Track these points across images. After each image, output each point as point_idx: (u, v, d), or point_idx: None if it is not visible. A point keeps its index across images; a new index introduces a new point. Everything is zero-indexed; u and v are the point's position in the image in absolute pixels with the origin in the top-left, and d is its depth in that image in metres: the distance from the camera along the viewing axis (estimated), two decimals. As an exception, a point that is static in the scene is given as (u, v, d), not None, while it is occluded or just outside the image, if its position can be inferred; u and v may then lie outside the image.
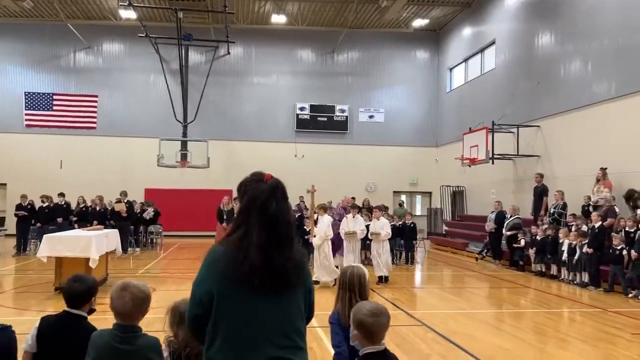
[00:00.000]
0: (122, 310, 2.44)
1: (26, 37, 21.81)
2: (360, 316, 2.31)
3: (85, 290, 3.04)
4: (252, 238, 2.08)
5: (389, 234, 11.28)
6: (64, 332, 2.89)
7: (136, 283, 2.52)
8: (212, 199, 22.33)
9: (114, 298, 2.48)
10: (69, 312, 3.02)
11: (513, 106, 17.46)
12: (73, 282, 3.06)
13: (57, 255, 8.89)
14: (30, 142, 21.55)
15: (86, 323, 3.01)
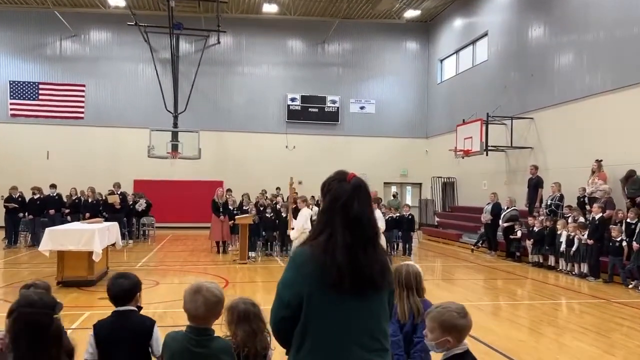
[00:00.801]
0: (195, 313, 2.40)
1: (11, 25, 21.23)
2: (451, 319, 2.29)
3: (131, 287, 3.02)
4: (337, 240, 2.05)
5: (381, 228, 11.05)
6: (121, 332, 2.85)
7: (209, 286, 2.47)
8: (202, 190, 22.15)
9: (187, 301, 2.42)
10: (119, 310, 2.98)
11: (506, 98, 17.58)
12: (118, 280, 3.01)
13: (60, 249, 8.72)
14: (15, 132, 21.04)
15: (139, 316, 3.03)
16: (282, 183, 20.34)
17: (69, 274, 8.84)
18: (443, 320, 2.29)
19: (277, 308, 2.09)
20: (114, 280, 3.00)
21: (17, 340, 2.00)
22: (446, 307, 2.34)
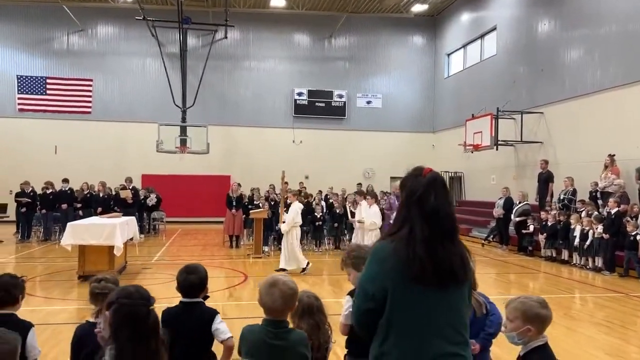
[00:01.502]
0: (272, 306, 2.44)
1: (18, 19, 21.19)
2: (533, 309, 2.34)
3: (200, 280, 3.09)
4: (416, 233, 2.09)
5: (375, 223, 10.46)
6: (187, 322, 2.95)
7: (285, 279, 2.52)
8: (210, 185, 22.25)
9: (263, 294, 2.47)
10: (187, 302, 3.05)
11: (515, 93, 17.60)
12: (187, 274, 3.07)
13: (82, 244, 8.76)
14: (23, 127, 21.05)
15: (204, 307, 3.12)
16: (289, 178, 20.25)
17: (90, 268, 8.86)
18: (525, 310, 2.34)
19: (361, 301, 2.14)
20: (184, 275, 3.06)
21: (117, 332, 2.05)
22: (528, 298, 2.39)
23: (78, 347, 2.89)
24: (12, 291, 2.87)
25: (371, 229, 10.38)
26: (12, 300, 2.87)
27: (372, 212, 10.55)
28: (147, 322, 2.10)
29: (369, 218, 10.45)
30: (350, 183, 20.51)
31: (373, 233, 10.36)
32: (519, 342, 2.42)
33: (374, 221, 10.41)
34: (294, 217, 9.98)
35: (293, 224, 10.02)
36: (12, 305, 2.88)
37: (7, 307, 2.86)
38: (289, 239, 10.06)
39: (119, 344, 2.04)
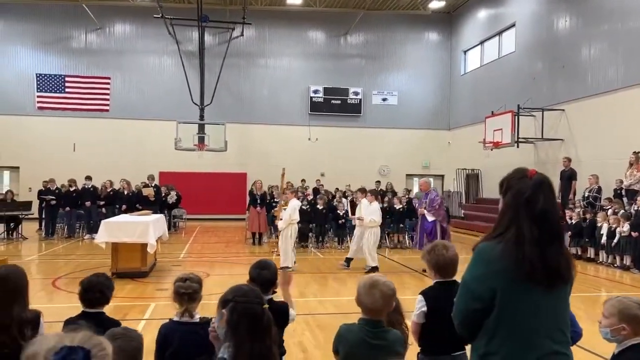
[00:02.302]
0: (372, 306, 2.48)
1: (37, 18, 21.32)
2: (631, 309, 2.37)
3: (272, 276, 3.12)
4: (525, 235, 2.11)
5: (374, 221, 10.24)
6: None
7: (384, 280, 2.55)
8: (226, 182, 22.36)
9: (362, 295, 2.50)
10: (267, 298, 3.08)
11: (535, 89, 17.52)
12: (261, 270, 3.10)
13: (116, 241, 8.85)
14: (42, 125, 21.21)
15: (273, 302, 3.12)
16: (305, 175, 20.46)
17: (123, 265, 8.97)
18: (622, 309, 2.36)
19: (467, 301, 2.17)
20: (257, 271, 3.09)
21: (235, 329, 2.09)
22: (627, 298, 2.41)
23: (163, 345, 2.94)
24: (106, 292, 2.94)
25: (370, 227, 10.21)
26: (105, 300, 2.94)
27: (372, 209, 10.36)
28: (262, 320, 2.14)
29: (368, 215, 10.25)
30: (365, 180, 20.46)
31: (372, 231, 10.26)
32: (612, 339, 2.45)
33: (373, 219, 10.21)
34: (292, 215, 9.92)
35: (290, 221, 9.95)
36: (103, 305, 2.95)
37: (99, 306, 2.92)
38: (286, 236, 10.00)
39: (237, 341, 2.08)
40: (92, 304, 2.93)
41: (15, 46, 21.32)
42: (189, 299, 2.93)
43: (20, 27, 21.34)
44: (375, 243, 10.48)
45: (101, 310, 2.96)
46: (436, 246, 3.24)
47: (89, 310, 2.94)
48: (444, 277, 3.21)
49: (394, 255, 12.97)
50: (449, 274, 3.22)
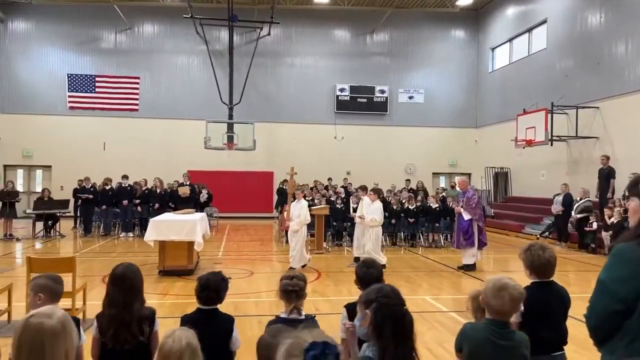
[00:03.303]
0: (501, 309, 2.49)
1: (68, 20, 21.63)
2: None
3: (379, 274, 3.15)
4: None
5: (375, 220, 10.03)
6: None
7: (513, 282, 2.55)
8: (254, 180, 22.48)
9: (490, 296, 2.51)
10: None
11: (567, 87, 17.31)
12: (368, 268, 3.12)
13: (164, 239, 8.95)
14: (73, 124, 21.53)
15: None
16: (331, 174, 20.50)
17: (170, 263, 9.08)
18: None
19: (607, 302, 2.16)
20: (366, 270, 3.11)
21: (380, 330, 2.11)
22: None
23: None
24: (221, 292, 2.99)
25: (371, 225, 10.05)
26: (219, 299, 2.99)
27: (373, 208, 10.17)
28: (405, 321, 2.16)
29: (369, 214, 10.10)
30: (392, 179, 20.50)
31: (373, 230, 10.08)
32: None
33: (374, 218, 10.03)
34: (306, 215, 9.69)
35: (305, 221, 9.73)
36: (216, 303, 3.00)
37: (212, 304, 2.97)
38: (299, 237, 9.70)
39: (383, 342, 2.10)
40: (207, 302, 2.98)
41: (47, 47, 21.66)
42: (297, 296, 2.97)
43: (52, 29, 21.68)
44: (377, 242, 10.27)
45: (215, 307, 3.01)
46: (532, 246, 3.24)
47: (204, 307, 2.99)
48: (540, 278, 3.21)
49: (428, 253, 12.92)
50: (546, 274, 3.21)
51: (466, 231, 10.41)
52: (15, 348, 1.79)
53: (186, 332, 2.07)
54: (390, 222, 13.81)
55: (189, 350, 1.99)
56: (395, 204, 14.13)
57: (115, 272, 2.98)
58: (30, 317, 1.82)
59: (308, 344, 1.24)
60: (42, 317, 1.84)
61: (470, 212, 10.50)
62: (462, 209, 10.63)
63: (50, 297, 2.92)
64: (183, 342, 2.00)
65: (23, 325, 1.81)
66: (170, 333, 2.05)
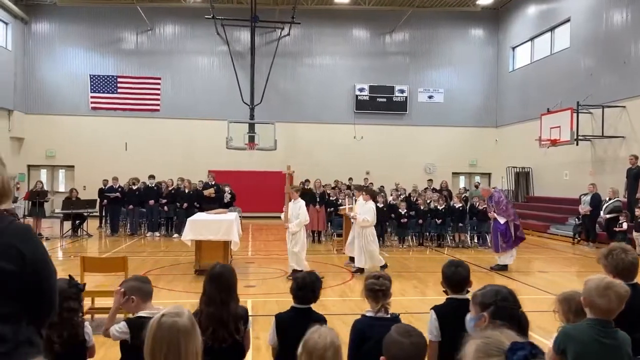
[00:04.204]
0: (607, 307, 2.50)
1: (90, 21, 21.81)
2: None
3: (468, 274, 3.15)
4: None
5: (367, 220, 9.71)
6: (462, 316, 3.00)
7: (618, 282, 2.56)
8: (273, 180, 22.41)
9: (595, 296, 2.51)
10: (457, 298, 3.10)
11: (592, 86, 17.17)
12: (456, 267, 3.12)
13: (201, 239, 9.02)
14: (95, 125, 21.72)
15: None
16: (350, 173, 20.47)
17: (206, 262, 9.08)
18: None
19: None
20: (454, 269, 3.11)
21: None
22: None
23: (359, 340, 3.00)
24: (317, 291, 3.03)
25: (363, 226, 9.77)
26: (315, 299, 3.03)
27: (366, 208, 9.87)
28: (522, 324, 2.17)
29: (362, 215, 9.84)
30: (411, 179, 20.43)
31: (368, 230, 9.77)
32: None
33: (367, 218, 9.73)
34: (306, 216, 9.21)
35: (305, 221, 9.23)
36: (311, 302, 3.03)
37: (308, 303, 3.00)
38: (300, 239, 9.12)
39: None
40: (304, 301, 3.02)
41: (70, 48, 21.87)
42: (383, 295, 2.99)
43: (74, 30, 21.88)
44: (372, 243, 9.87)
45: (310, 306, 3.04)
46: (614, 250, 3.22)
47: (299, 306, 3.03)
48: (626, 281, 3.19)
49: (455, 254, 12.88)
50: (631, 277, 3.20)
51: (505, 234, 10.31)
52: (150, 348, 1.82)
53: (331, 330, 2.12)
54: (417, 222, 13.79)
55: (333, 348, 2.02)
56: (422, 204, 14.09)
57: (213, 271, 3.03)
58: (162, 316, 1.86)
59: (508, 343, 1.25)
60: (173, 316, 1.88)
61: (504, 215, 10.45)
62: (495, 214, 10.54)
63: (142, 297, 2.97)
64: (328, 339, 2.04)
65: (157, 325, 1.84)
66: (315, 329, 2.10)
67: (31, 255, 1.87)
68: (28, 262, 1.86)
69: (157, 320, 1.84)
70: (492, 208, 10.61)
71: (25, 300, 1.87)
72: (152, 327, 1.83)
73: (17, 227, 1.92)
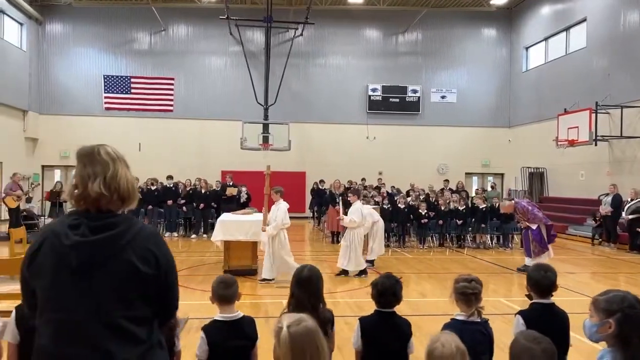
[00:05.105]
0: None
1: (105, 21, 21.85)
2: None
3: (555, 279, 3.13)
4: None
5: (354, 221, 9.45)
6: (547, 321, 2.97)
7: None
8: (286, 181, 22.37)
9: None
10: (542, 302, 3.07)
11: (609, 86, 17.11)
12: (545, 273, 3.09)
13: (231, 239, 9.02)
14: (109, 125, 21.71)
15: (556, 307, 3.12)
16: (363, 174, 20.41)
17: (235, 263, 9.14)
18: None
19: None
20: (544, 273, 3.09)
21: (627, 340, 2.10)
22: None
23: None
24: (398, 294, 3.01)
25: (351, 227, 9.53)
26: (397, 301, 3.03)
27: (353, 209, 9.66)
28: None
29: (349, 215, 9.64)
30: (424, 179, 20.39)
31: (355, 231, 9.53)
32: None
33: (353, 219, 9.49)
34: (283, 218, 8.62)
35: (283, 225, 8.71)
36: (394, 305, 3.03)
37: (390, 307, 3.00)
38: (275, 244, 8.61)
39: (631, 352, 2.08)
40: (387, 305, 3.00)
41: (84, 49, 21.90)
42: (476, 299, 2.96)
43: (88, 31, 21.90)
44: (360, 244, 9.60)
45: (394, 310, 3.02)
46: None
47: (383, 310, 3.01)
48: None
49: (477, 254, 12.84)
50: None
51: (540, 240, 10.17)
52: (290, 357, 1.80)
53: (452, 335, 2.09)
54: (437, 223, 13.75)
55: (459, 353, 2.00)
56: (443, 204, 14.06)
57: (302, 275, 3.01)
58: (289, 328, 1.83)
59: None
60: (299, 322, 1.86)
61: (535, 220, 10.31)
62: (527, 222, 10.39)
63: (219, 300, 2.98)
64: (453, 345, 2.01)
65: (289, 337, 1.81)
66: (436, 338, 2.07)
67: (164, 259, 1.92)
68: (162, 266, 1.91)
69: (287, 334, 1.81)
70: (521, 218, 10.48)
71: (157, 303, 1.92)
72: (285, 341, 1.80)
73: (150, 230, 1.95)
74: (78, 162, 1.94)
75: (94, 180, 1.88)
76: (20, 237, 8.81)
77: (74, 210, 1.92)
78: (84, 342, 1.76)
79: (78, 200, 1.89)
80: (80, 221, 1.85)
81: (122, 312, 1.81)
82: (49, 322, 1.80)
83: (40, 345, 1.81)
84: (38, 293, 1.84)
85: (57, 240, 1.82)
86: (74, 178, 1.93)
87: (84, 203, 1.89)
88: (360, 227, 9.70)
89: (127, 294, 1.82)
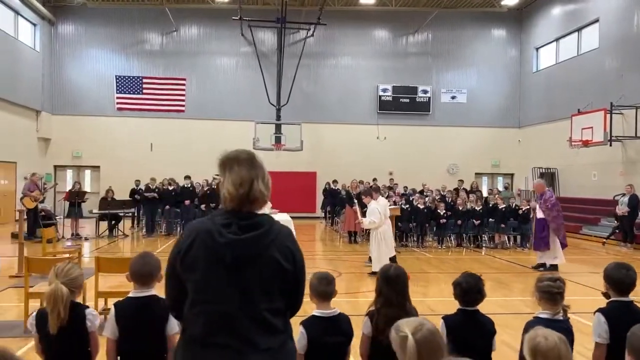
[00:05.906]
0: None
1: (117, 22, 21.93)
2: None
3: (636, 277, 3.16)
4: None
5: (374, 222, 9.30)
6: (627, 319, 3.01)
7: None
8: (298, 181, 22.56)
9: None
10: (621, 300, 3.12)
11: (622, 87, 17.16)
12: (627, 271, 3.14)
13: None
14: (121, 125, 21.80)
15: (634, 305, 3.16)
16: (374, 174, 20.42)
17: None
18: None
19: None
20: (625, 272, 3.12)
21: None
22: None
23: None
24: (482, 291, 3.07)
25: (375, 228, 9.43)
26: (482, 299, 3.10)
27: (369, 210, 9.53)
28: None
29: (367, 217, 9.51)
30: (434, 179, 20.41)
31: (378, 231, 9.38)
32: None
33: (373, 220, 9.36)
34: None
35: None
36: (479, 302, 3.08)
37: (476, 304, 3.07)
38: None
39: None
40: (471, 303, 3.05)
41: (96, 49, 21.97)
42: (561, 298, 3.02)
43: (100, 31, 21.98)
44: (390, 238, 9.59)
45: (476, 308, 3.08)
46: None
47: (466, 308, 3.06)
48: None
49: (496, 254, 12.90)
50: None
51: (542, 229, 10.39)
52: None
53: (546, 329, 2.13)
54: (455, 223, 13.81)
55: (562, 342, 2.05)
56: (461, 205, 14.11)
57: (389, 273, 3.06)
58: (413, 334, 1.88)
59: None
60: (421, 326, 1.93)
61: (545, 213, 10.46)
62: (538, 206, 10.65)
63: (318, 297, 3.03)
64: (554, 336, 2.06)
65: (414, 343, 1.86)
66: (534, 334, 2.10)
67: (299, 256, 2.06)
68: (297, 262, 2.07)
69: (412, 341, 1.86)
70: (540, 202, 10.67)
71: (290, 296, 2.07)
72: (411, 347, 1.85)
73: (287, 230, 2.05)
74: (238, 166, 2.07)
75: (258, 181, 2.05)
76: (51, 237, 8.86)
77: (222, 210, 2.00)
78: (232, 332, 1.90)
79: (238, 200, 2.01)
80: (231, 220, 1.98)
81: (265, 305, 1.96)
82: (201, 314, 1.93)
83: (191, 335, 1.94)
84: (189, 286, 1.97)
85: (210, 237, 1.95)
86: (234, 179, 2.00)
87: (239, 203, 2.00)
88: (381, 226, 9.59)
89: (271, 287, 1.98)
